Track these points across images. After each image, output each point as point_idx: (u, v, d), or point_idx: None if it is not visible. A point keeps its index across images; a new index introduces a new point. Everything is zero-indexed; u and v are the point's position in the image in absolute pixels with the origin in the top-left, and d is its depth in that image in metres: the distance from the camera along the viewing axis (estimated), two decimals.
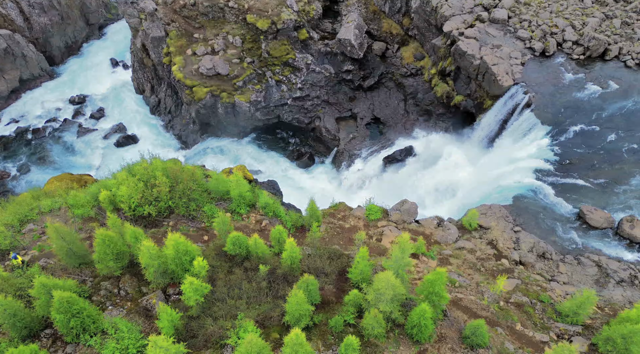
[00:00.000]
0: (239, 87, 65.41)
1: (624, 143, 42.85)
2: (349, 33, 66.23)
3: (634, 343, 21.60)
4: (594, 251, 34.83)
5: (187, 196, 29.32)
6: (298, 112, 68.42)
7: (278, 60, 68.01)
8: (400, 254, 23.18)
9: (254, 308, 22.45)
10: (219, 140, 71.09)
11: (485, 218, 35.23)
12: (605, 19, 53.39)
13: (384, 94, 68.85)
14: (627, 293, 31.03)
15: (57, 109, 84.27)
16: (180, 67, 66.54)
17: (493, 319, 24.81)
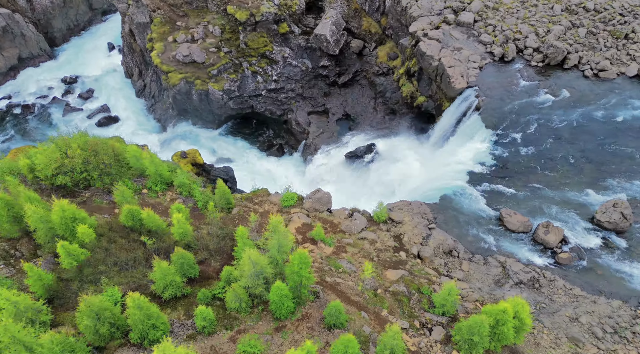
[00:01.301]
0: (214, 76, 66.92)
1: (561, 152, 43.00)
2: (326, 29, 67.15)
3: (475, 333, 22.38)
4: (505, 253, 35.33)
5: (101, 169, 30.83)
6: (272, 103, 69.70)
7: (255, 52, 69.33)
8: (275, 235, 24.20)
9: (125, 275, 23.81)
10: (195, 127, 72.78)
11: (401, 213, 36.02)
12: (571, 27, 53.31)
13: (357, 92, 69.66)
14: (523, 295, 31.53)
15: (49, 88, 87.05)
16: (159, 53, 68.37)
17: (363, 304, 25.77)
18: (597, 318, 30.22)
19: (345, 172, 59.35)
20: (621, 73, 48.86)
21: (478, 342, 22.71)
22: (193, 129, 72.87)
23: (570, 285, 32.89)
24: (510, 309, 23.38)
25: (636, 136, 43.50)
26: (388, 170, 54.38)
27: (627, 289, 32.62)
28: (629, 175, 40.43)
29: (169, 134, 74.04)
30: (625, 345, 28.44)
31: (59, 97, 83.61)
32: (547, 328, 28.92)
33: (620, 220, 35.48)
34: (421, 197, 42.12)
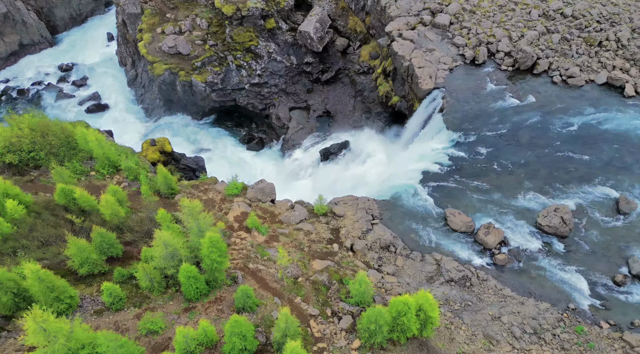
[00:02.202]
0: (197, 68, 68.13)
1: (517, 157, 43.24)
2: (310, 26, 67.96)
3: (372, 322, 23.08)
4: (445, 251, 35.82)
5: (48, 150, 32.08)
6: (254, 97, 70.70)
7: (240, 46, 70.38)
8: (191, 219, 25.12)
9: (44, 251, 24.93)
10: (180, 117, 74.11)
11: (345, 207, 36.75)
12: (546, 33, 53.38)
13: (339, 89, 70.35)
14: (452, 292, 32.05)
15: (46, 74, 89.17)
16: (147, 43, 69.85)
17: (280, 291, 26.62)
18: (521, 318, 30.65)
19: (318, 168, 60.12)
20: (590, 80, 48.86)
21: (375, 331, 23.40)
22: (177, 119, 74.22)
23: (502, 286, 33.33)
24: (413, 303, 24.03)
25: (593, 144, 43.56)
26: (357, 167, 55.06)
27: (557, 293, 32.95)
28: (580, 182, 40.57)
29: (154, 123, 75.49)
30: (541, 346, 28.86)
31: (54, 84, 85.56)
32: (466, 324, 29.44)
33: (560, 225, 35.76)
34: (377, 194, 42.77)
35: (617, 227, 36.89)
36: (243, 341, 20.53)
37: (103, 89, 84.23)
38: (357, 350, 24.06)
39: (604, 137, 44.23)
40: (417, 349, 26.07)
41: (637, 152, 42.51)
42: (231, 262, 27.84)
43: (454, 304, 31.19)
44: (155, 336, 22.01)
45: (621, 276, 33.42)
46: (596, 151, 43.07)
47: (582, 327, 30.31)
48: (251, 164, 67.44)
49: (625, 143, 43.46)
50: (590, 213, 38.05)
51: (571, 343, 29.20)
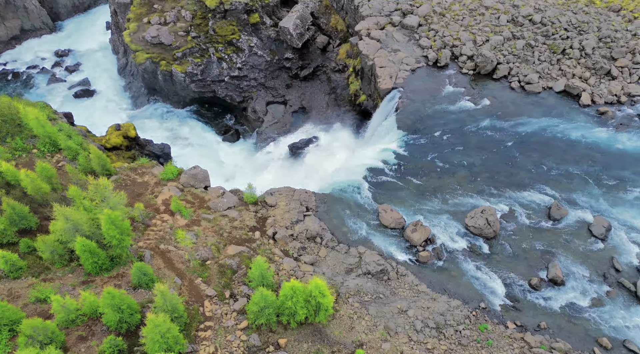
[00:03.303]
0: (178, 58, 69.77)
1: (463, 159, 43.82)
2: (290, 22, 69.08)
3: (255, 303, 24.21)
4: (371, 245, 36.62)
5: None
6: (233, 90, 72.13)
7: (222, 39, 71.82)
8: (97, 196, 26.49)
9: None
10: (161, 106, 75.96)
11: (279, 198, 37.88)
12: (511, 38, 53.67)
13: (316, 86, 71.37)
14: (367, 284, 32.89)
15: (43, 59, 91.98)
16: (131, 33, 71.76)
17: (183, 271, 27.91)
18: (428, 313, 31.44)
19: (285, 161, 61.28)
20: (548, 87, 49.12)
21: (258, 312, 24.52)
22: (160, 108, 76.06)
23: (419, 281, 34.12)
24: (300, 288, 25.10)
25: (540, 150, 43.93)
26: (320, 162, 56.08)
27: (472, 292, 33.62)
28: (519, 186, 41.03)
29: (138, 110, 77.46)
30: (439, 340, 29.64)
31: (48, 68, 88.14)
32: (370, 315, 30.34)
33: (485, 226, 36.39)
34: (323, 187, 43.75)
35: (545, 232, 37.34)
36: (118, 313, 21.81)
37: (94, 75, 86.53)
38: (244, 330, 25.21)
39: (552, 144, 44.55)
40: (310, 334, 27.12)
41: (582, 161, 42.78)
42: (144, 242, 29.22)
43: (365, 295, 32.09)
44: (44, 304, 23.45)
45: (537, 280, 33.95)
46: (541, 157, 43.43)
47: (486, 325, 30.98)
48: (224, 155, 68.91)
49: (572, 151, 43.74)
50: (522, 217, 38.55)
51: (470, 339, 29.92)
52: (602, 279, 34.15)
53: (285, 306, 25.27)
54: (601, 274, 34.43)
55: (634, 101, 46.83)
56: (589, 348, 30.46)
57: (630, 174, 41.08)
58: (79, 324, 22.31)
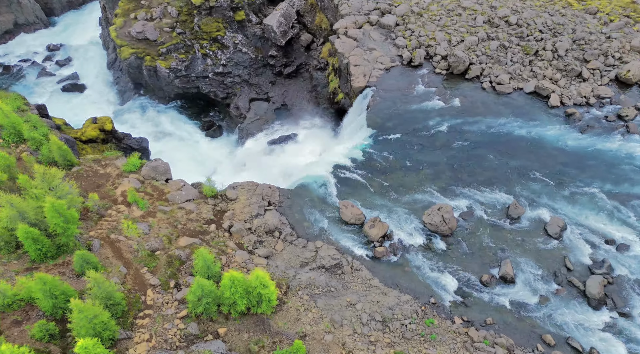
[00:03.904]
0: (163, 54, 70.50)
1: (429, 157, 44.30)
2: (273, 20, 69.66)
3: (192, 292, 24.85)
4: (330, 240, 37.24)
5: None
6: (217, 86, 72.79)
7: (208, 36, 72.51)
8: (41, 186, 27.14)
9: None
10: (147, 101, 76.73)
11: (241, 192, 38.52)
12: (486, 39, 54.04)
13: (300, 83, 71.97)
14: (319, 278, 33.45)
15: (35, 53, 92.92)
16: (118, 28, 72.58)
17: (130, 260, 28.60)
18: (377, 307, 31.99)
19: (263, 158, 61.90)
20: (519, 88, 49.49)
21: (195, 301, 25.16)
22: (146, 102, 76.82)
23: (372, 276, 34.70)
24: (240, 279, 25.69)
25: (505, 150, 44.34)
26: (295, 158, 56.67)
27: (424, 287, 34.18)
28: (481, 185, 41.48)
29: (124, 105, 78.25)
30: (383, 333, 30.21)
31: (38, 62, 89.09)
32: (318, 308, 30.93)
33: (441, 223, 36.89)
34: (292, 183, 44.30)
35: (502, 231, 37.82)
36: (52, 299, 22.47)
37: (84, 70, 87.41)
38: (183, 319, 25.86)
39: (517, 144, 44.95)
40: (252, 324, 27.75)
41: (545, 161, 43.16)
42: (96, 232, 29.93)
43: (316, 289, 32.69)
44: None
45: (487, 277, 34.45)
46: (506, 157, 43.85)
47: (432, 320, 31.53)
48: (206, 150, 69.63)
49: (536, 152, 44.12)
50: (481, 215, 39.02)
51: (414, 333, 30.47)
52: (552, 277, 34.61)
53: (225, 296, 25.90)
54: (552, 272, 34.88)
55: (602, 103, 47.15)
56: (533, 345, 30.96)
57: (590, 175, 41.45)
58: (15, 308, 23.03)
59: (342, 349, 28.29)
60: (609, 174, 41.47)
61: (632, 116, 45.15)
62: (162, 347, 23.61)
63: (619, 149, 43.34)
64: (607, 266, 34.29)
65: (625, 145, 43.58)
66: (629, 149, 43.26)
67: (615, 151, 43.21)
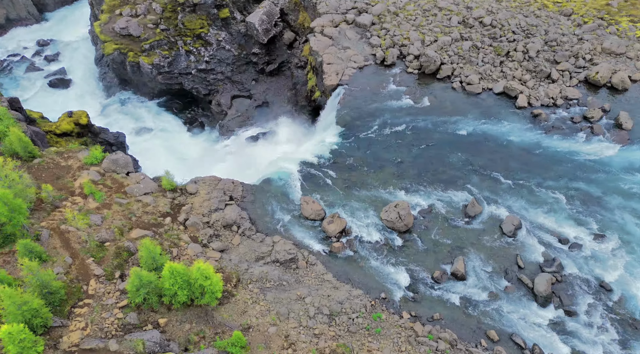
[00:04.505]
0: (146, 50, 71.12)
1: (395, 155, 44.71)
2: (256, 17, 70.21)
3: (130, 282, 25.41)
4: (289, 236, 37.74)
5: None
6: (200, 83, 73.38)
7: (191, 32, 73.14)
8: None
9: None
10: (132, 96, 77.45)
11: (202, 186, 39.07)
12: (459, 39, 54.40)
13: (281, 81, 72.47)
14: (273, 272, 33.93)
15: (25, 48, 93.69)
16: (102, 24, 73.32)
17: (77, 251, 29.18)
18: (327, 301, 32.46)
19: (240, 154, 62.48)
20: (488, 88, 49.86)
21: (132, 291, 25.71)
22: (131, 98, 77.53)
23: (326, 271, 35.18)
24: (181, 270, 26.23)
25: (468, 149, 44.74)
26: (270, 154, 57.10)
27: (375, 282, 34.66)
28: (444, 183, 41.90)
29: (109, 100, 78.97)
30: (329, 326, 30.69)
31: (27, 57, 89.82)
32: (267, 301, 31.44)
33: (397, 219, 37.35)
34: (258, 179, 44.78)
35: (458, 229, 38.25)
36: None
37: (72, 65, 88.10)
38: (122, 308, 26.43)
39: (482, 144, 45.35)
40: (195, 316, 28.29)
41: (509, 161, 43.54)
42: (47, 222, 30.54)
43: (268, 282, 33.20)
44: None
45: (439, 273, 34.90)
46: (470, 156, 44.24)
47: (380, 314, 32.00)
48: (187, 146, 70.18)
49: (501, 152, 44.51)
50: (439, 213, 39.45)
51: (360, 327, 30.94)
52: (503, 274, 35.05)
53: (165, 287, 26.42)
54: (503, 270, 35.32)
55: (569, 104, 47.48)
56: (477, 340, 31.41)
57: (550, 175, 41.81)
58: None
59: (284, 341, 28.79)
60: (569, 174, 41.82)
61: (598, 117, 45.47)
62: (96, 335, 24.17)
63: (581, 151, 43.68)
64: (557, 265, 34.70)
65: (588, 146, 43.93)
66: (592, 150, 43.61)
67: (578, 152, 43.55)
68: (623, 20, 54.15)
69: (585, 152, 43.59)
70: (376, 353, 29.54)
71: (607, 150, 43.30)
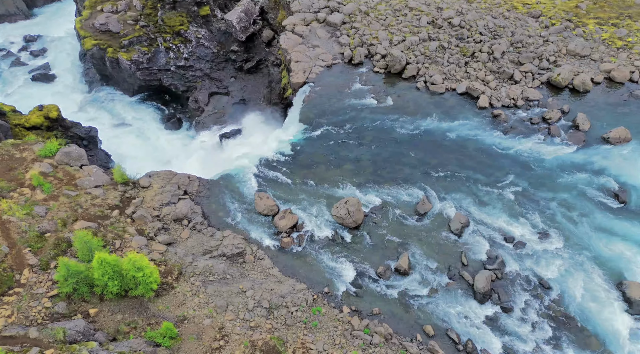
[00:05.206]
0: (125, 46, 71.76)
1: (353, 153, 45.15)
2: (234, 15, 70.75)
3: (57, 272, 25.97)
4: (241, 230, 38.25)
5: None
6: (178, 79, 74.05)
7: (171, 29, 73.81)
8: None
9: None
10: (113, 92, 78.21)
11: (156, 180, 39.64)
12: (427, 39, 54.80)
13: (259, 79, 73.05)
14: (218, 265, 34.39)
15: (11, 43, 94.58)
16: (84, 19, 74.02)
17: (15, 240, 29.77)
18: (268, 294, 32.95)
19: (212, 150, 63.05)
20: (451, 89, 50.24)
21: (61, 281, 26.26)
22: (111, 94, 78.30)
23: (273, 265, 35.69)
24: (110, 261, 26.76)
25: (426, 148, 45.17)
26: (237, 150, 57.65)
27: (320, 277, 35.15)
28: (399, 181, 42.33)
29: (91, 96, 79.72)
30: (267, 319, 31.16)
31: (14, 52, 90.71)
32: (207, 294, 31.95)
33: (346, 216, 37.82)
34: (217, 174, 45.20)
35: (407, 226, 38.68)
36: None
37: (57, 60, 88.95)
38: (52, 298, 26.96)
39: (441, 143, 45.76)
40: (129, 307, 28.84)
41: (465, 161, 43.95)
42: None
43: (211, 275, 33.70)
44: None
45: (382, 268, 35.36)
46: (428, 155, 44.65)
47: (320, 308, 32.47)
48: (164, 142, 70.78)
49: (459, 151, 44.91)
50: (391, 210, 39.88)
51: (297, 320, 31.41)
52: (446, 271, 35.46)
53: (95, 277, 26.94)
54: (447, 266, 35.73)
55: (530, 105, 47.82)
56: (413, 334, 31.85)
57: (504, 175, 42.20)
58: None
59: (217, 333, 29.30)
60: (523, 174, 42.20)
61: (556, 118, 45.81)
62: (21, 323, 24.75)
63: (537, 151, 44.04)
64: (499, 262, 35.11)
65: (544, 147, 44.29)
66: (547, 151, 43.97)
67: (534, 153, 43.92)
68: (590, 22, 54.42)
69: (541, 152, 43.95)
70: (309, 345, 30.02)
71: (562, 151, 43.66)
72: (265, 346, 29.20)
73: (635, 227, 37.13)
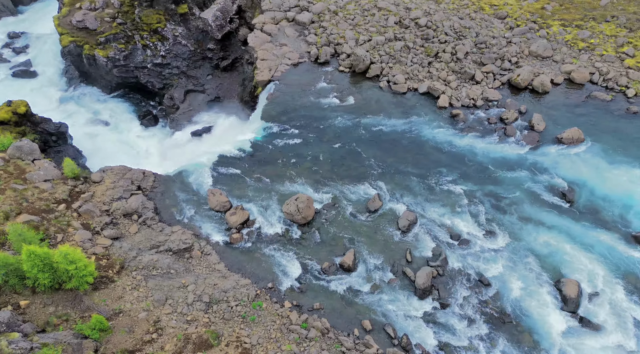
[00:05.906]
0: (102, 43, 72.17)
1: (312, 151, 45.55)
2: (209, 13, 71.16)
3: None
4: (192, 226, 38.69)
5: None
6: (155, 77, 74.41)
7: (148, 27, 74.14)
8: None
9: None
10: (91, 89, 78.62)
11: (109, 175, 40.04)
12: (393, 39, 55.17)
13: (234, 77, 73.44)
14: (163, 260, 34.84)
15: None
16: (62, 16, 74.46)
17: None
18: (210, 289, 33.35)
19: (183, 147, 63.40)
20: (413, 88, 50.60)
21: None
22: (89, 91, 78.71)
23: (219, 260, 36.11)
24: (41, 254, 27.06)
25: (384, 147, 45.58)
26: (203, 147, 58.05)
27: (266, 273, 35.56)
28: (354, 179, 42.75)
29: (69, 93, 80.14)
30: (205, 313, 31.57)
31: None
32: (147, 287, 32.35)
33: (295, 212, 38.19)
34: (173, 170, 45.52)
35: (356, 223, 39.05)
36: None
37: (40, 57, 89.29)
38: None
39: (399, 142, 46.14)
40: (63, 299, 29.20)
41: (420, 159, 44.35)
42: None
43: (155, 270, 34.10)
44: None
45: (327, 264, 35.74)
46: (385, 153, 45.02)
47: (260, 303, 32.85)
48: (138, 139, 71.13)
49: (415, 150, 45.30)
50: (342, 207, 40.26)
51: (236, 315, 31.80)
52: (390, 267, 35.82)
53: (25, 269, 27.26)
54: (391, 263, 36.09)
55: (489, 105, 48.17)
56: (350, 329, 32.19)
57: (456, 173, 42.56)
58: None
59: (151, 326, 29.69)
60: (475, 173, 42.56)
61: (512, 118, 46.15)
62: None
63: (492, 150, 44.40)
64: (442, 259, 35.48)
65: (499, 146, 44.64)
66: (502, 150, 44.33)
67: (488, 152, 44.28)
68: (555, 24, 54.73)
69: (495, 152, 44.32)
70: (244, 339, 30.39)
71: (516, 150, 44.02)
72: (199, 339, 29.57)
73: (579, 226, 37.48)
